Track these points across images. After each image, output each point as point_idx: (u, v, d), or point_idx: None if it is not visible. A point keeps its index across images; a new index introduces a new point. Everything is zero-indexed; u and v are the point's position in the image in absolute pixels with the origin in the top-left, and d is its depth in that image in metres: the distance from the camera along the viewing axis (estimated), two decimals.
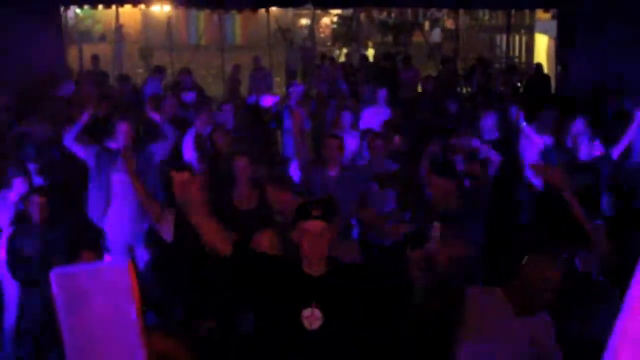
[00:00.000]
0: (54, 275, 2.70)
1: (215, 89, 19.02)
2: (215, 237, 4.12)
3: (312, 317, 3.97)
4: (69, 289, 2.69)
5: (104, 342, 2.73)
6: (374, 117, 10.24)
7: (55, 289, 2.69)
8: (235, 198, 6.96)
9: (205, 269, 5.84)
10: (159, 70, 15.83)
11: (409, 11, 28.10)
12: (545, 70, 17.38)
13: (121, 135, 7.88)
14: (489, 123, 8.90)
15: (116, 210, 7.79)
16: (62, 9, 17.78)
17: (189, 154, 8.81)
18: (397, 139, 8.62)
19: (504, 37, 23.94)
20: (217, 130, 8.54)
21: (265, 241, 5.20)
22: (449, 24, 32.30)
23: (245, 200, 6.95)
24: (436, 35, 29.13)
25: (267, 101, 10.89)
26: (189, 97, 12.00)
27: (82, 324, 2.71)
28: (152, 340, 4.16)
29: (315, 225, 4.04)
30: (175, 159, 8.57)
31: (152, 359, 4.05)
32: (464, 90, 17.09)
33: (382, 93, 10.91)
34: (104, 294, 2.70)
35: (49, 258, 6.42)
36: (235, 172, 7.05)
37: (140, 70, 25.07)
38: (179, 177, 6.13)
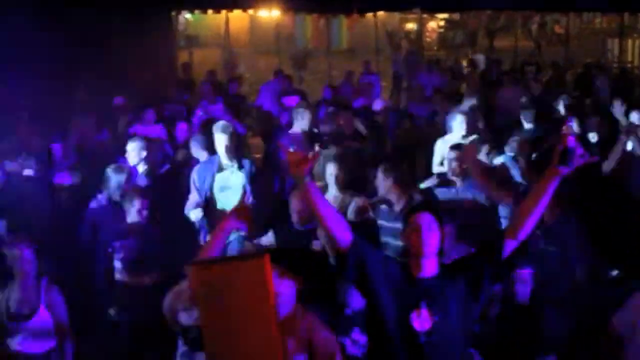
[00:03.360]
0: (193, 268, 2.74)
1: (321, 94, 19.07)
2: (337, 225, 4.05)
3: (422, 318, 3.97)
4: (207, 281, 2.74)
5: (241, 333, 2.77)
6: None
7: (193, 281, 2.74)
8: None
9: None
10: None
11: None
12: None
13: None
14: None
15: None
16: (173, 13, 18.23)
17: None
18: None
19: (616, 41, 23.30)
20: None
21: None
22: (558, 28, 31.64)
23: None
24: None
25: (378, 104, 10.97)
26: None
27: (219, 316, 2.75)
28: None
29: (423, 217, 4.07)
30: None
31: None
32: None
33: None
34: (241, 286, 2.74)
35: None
36: None
37: (248, 75, 25.36)
38: None
